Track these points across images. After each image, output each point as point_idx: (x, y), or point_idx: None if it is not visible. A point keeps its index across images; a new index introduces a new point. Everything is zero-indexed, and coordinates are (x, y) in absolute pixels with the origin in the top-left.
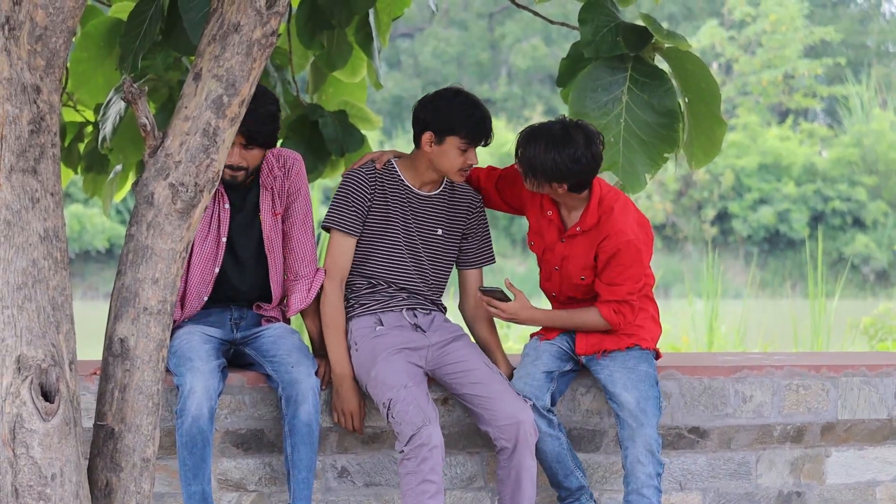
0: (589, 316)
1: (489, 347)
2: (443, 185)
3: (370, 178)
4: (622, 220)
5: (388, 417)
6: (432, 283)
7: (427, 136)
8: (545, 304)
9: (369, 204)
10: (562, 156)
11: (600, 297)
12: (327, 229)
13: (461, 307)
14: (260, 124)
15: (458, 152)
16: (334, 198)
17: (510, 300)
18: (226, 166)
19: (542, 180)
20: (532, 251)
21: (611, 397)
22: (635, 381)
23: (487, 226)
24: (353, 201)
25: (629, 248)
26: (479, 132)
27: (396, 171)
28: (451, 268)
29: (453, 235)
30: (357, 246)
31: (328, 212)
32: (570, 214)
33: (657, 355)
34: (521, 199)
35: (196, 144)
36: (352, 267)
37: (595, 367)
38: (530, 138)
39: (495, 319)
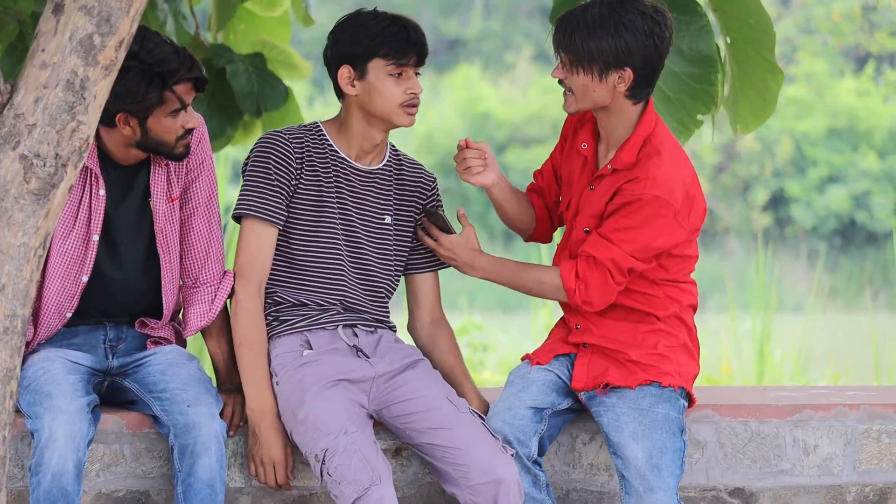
0: (543, 272)
1: (454, 378)
2: (386, 157)
3: (298, 143)
4: (664, 169)
5: (322, 474)
6: (378, 292)
7: (344, 73)
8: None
9: (296, 182)
10: (628, 26)
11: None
12: (238, 218)
13: (412, 328)
14: (195, 62)
15: (392, 80)
16: (247, 174)
17: (454, 233)
18: (180, 138)
19: (603, 68)
20: (563, 221)
21: (614, 449)
22: (649, 426)
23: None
24: (276, 177)
25: (653, 203)
26: (407, 43)
27: (325, 136)
28: (401, 271)
29: (406, 225)
30: (277, 242)
31: (241, 194)
32: (608, 152)
33: (690, 399)
34: (557, 158)
35: (57, 101)
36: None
37: (597, 408)
38: (576, 20)
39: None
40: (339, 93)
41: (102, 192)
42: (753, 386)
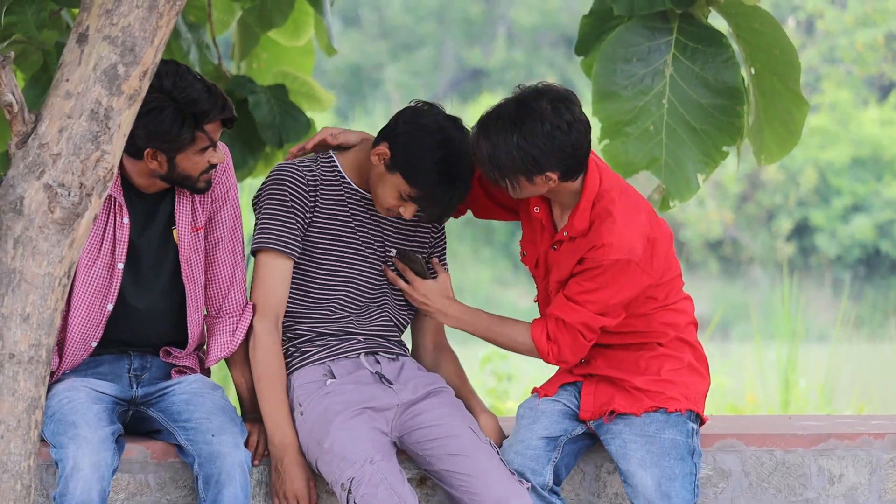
0: (514, 330)
1: (459, 393)
2: None
3: (310, 174)
4: (619, 230)
5: None
6: (397, 321)
7: (382, 149)
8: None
9: (311, 214)
10: (528, 137)
11: (545, 311)
12: (255, 252)
13: (416, 354)
14: (227, 101)
15: (398, 194)
16: (264, 206)
17: (429, 278)
18: (203, 172)
19: (524, 177)
20: (524, 264)
21: (624, 477)
22: (657, 454)
23: (445, 251)
24: (292, 209)
25: (615, 266)
26: (436, 206)
27: (336, 166)
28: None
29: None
30: (293, 275)
31: (258, 228)
32: (563, 214)
33: (701, 420)
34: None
35: (81, 131)
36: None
37: (605, 436)
38: (482, 131)
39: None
40: (375, 143)
41: (126, 220)
42: (779, 415)
